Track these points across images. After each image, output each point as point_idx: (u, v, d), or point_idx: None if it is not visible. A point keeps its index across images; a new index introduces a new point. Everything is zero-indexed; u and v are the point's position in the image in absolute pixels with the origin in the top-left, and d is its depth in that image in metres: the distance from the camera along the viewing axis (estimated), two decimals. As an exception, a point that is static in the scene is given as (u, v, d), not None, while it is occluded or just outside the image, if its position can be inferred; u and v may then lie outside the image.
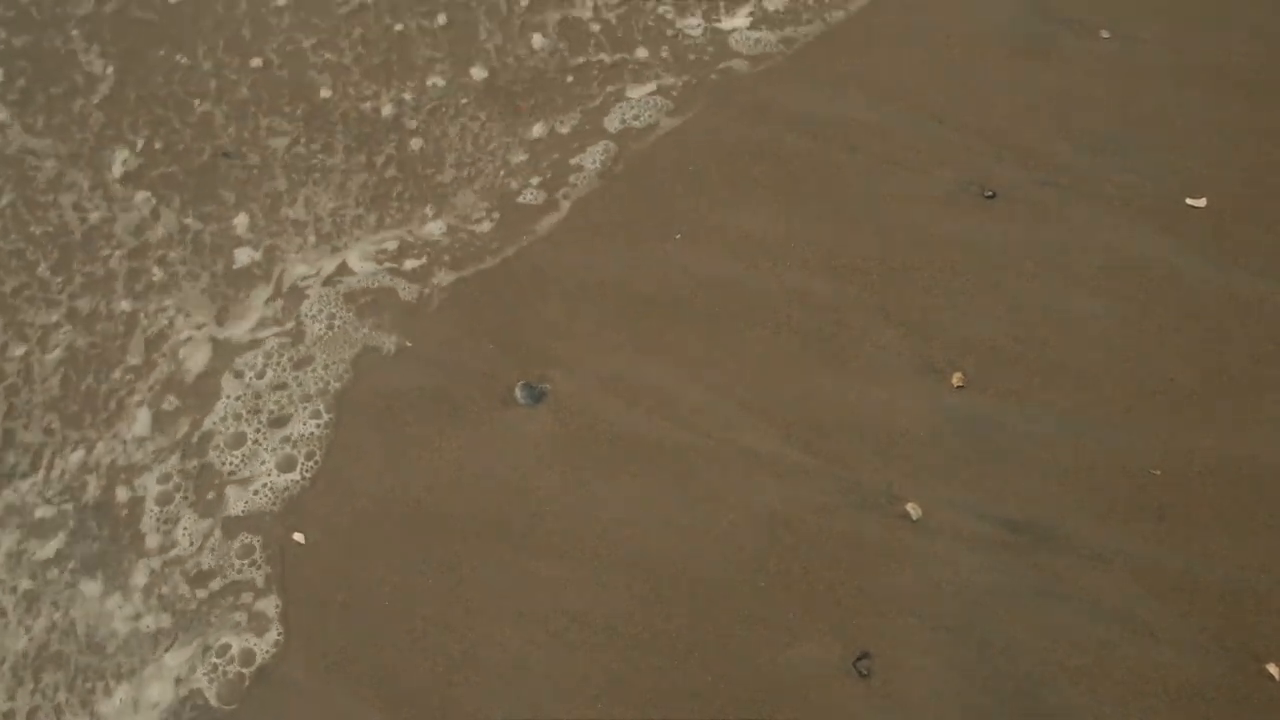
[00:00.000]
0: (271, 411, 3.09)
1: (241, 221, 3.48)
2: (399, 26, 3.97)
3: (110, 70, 3.84)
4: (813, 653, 2.66)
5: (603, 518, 2.88)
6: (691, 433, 3.01)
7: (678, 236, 3.42)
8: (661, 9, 4.01)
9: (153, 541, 2.90)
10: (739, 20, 3.98)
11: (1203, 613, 2.68)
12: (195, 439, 3.07)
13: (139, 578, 2.85)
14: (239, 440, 3.05)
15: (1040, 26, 3.87)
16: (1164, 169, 3.47)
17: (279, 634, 2.74)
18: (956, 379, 3.07)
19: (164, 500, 2.96)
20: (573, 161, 3.62)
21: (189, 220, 3.49)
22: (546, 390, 3.12)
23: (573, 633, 2.71)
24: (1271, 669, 2.60)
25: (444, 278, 3.37)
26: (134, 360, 3.20)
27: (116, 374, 3.18)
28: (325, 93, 3.80)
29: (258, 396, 3.12)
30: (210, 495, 2.97)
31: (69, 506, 2.96)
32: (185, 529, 2.92)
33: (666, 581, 2.78)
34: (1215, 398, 3.01)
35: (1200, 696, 2.57)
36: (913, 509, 2.86)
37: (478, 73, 3.79)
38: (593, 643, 2.70)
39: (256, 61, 3.89)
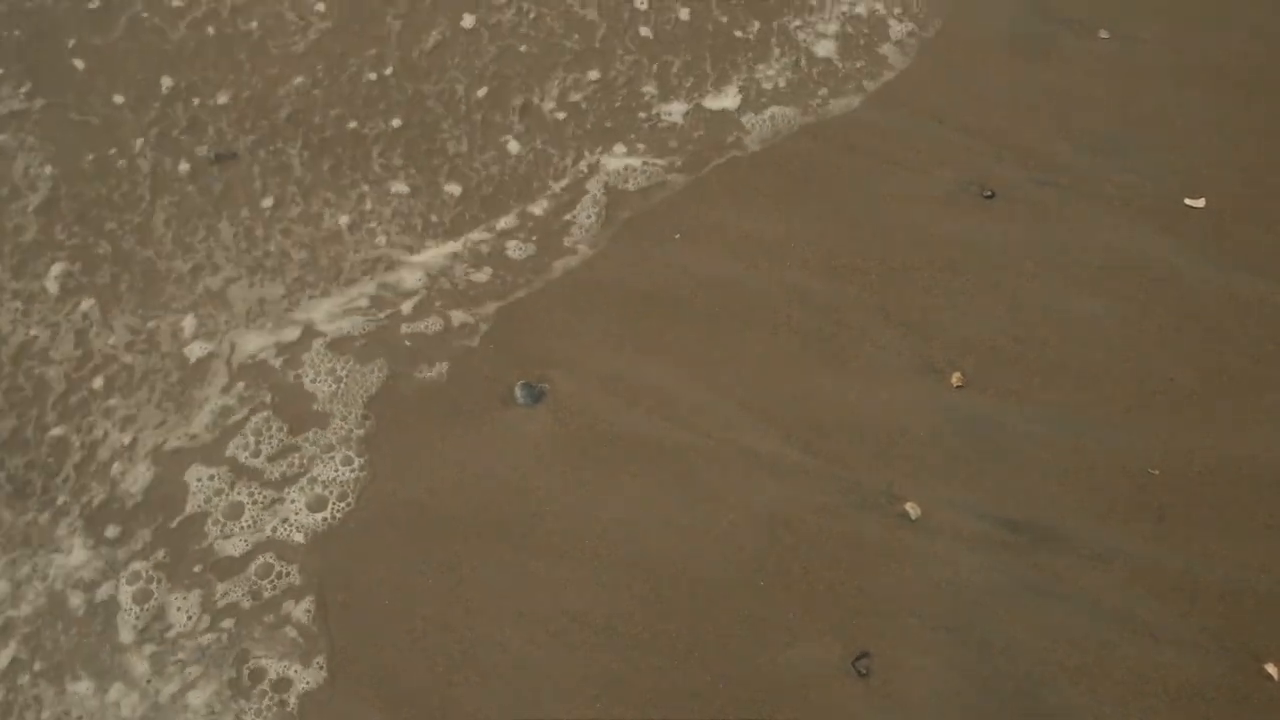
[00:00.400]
0: (284, 473, 2.99)
1: (190, 322, 3.28)
2: (351, 124, 3.73)
3: (48, 170, 3.59)
4: (813, 653, 2.66)
5: (603, 518, 2.88)
6: (691, 433, 3.01)
7: (677, 237, 3.42)
8: (645, 89, 3.80)
9: (129, 636, 2.77)
10: (728, 100, 3.77)
11: (1203, 613, 2.68)
12: (174, 524, 2.93)
13: (139, 666, 2.73)
14: (236, 510, 2.94)
15: (1040, 27, 3.88)
16: (1164, 169, 3.47)
17: (322, 663, 2.70)
18: (956, 379, 3.08)
19: (141, 598, 2.82)
20: (566, 217, 3.50)
21: (134, 326, 3.28)
22: (546, 390, 3.12)
23: (573, 633, 2.71)
24: (1270, 669, 2.60)
25: (447, 318, 3.29)
26: (91, 471, 3.03)
27: (76, 482, 3.01)
28: (268, 201, 3.54)
29: (256, 471, 3.00)
30: (197, 568, 2.86)
31: (14, 612, 2.82)
32: (179, 608, 2.80)
33: (666, 581, 2.78)
34: (1215, 398, 3.01)
35: (1200, 696, 2.57)
36: (911, 508, 2.86)
37: (451, 189, 3.57)
38: (593, 643, 2.70)
39: (184, 166, 3.59)
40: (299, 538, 2.88)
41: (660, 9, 4.00)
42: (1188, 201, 3.39)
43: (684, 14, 3.99)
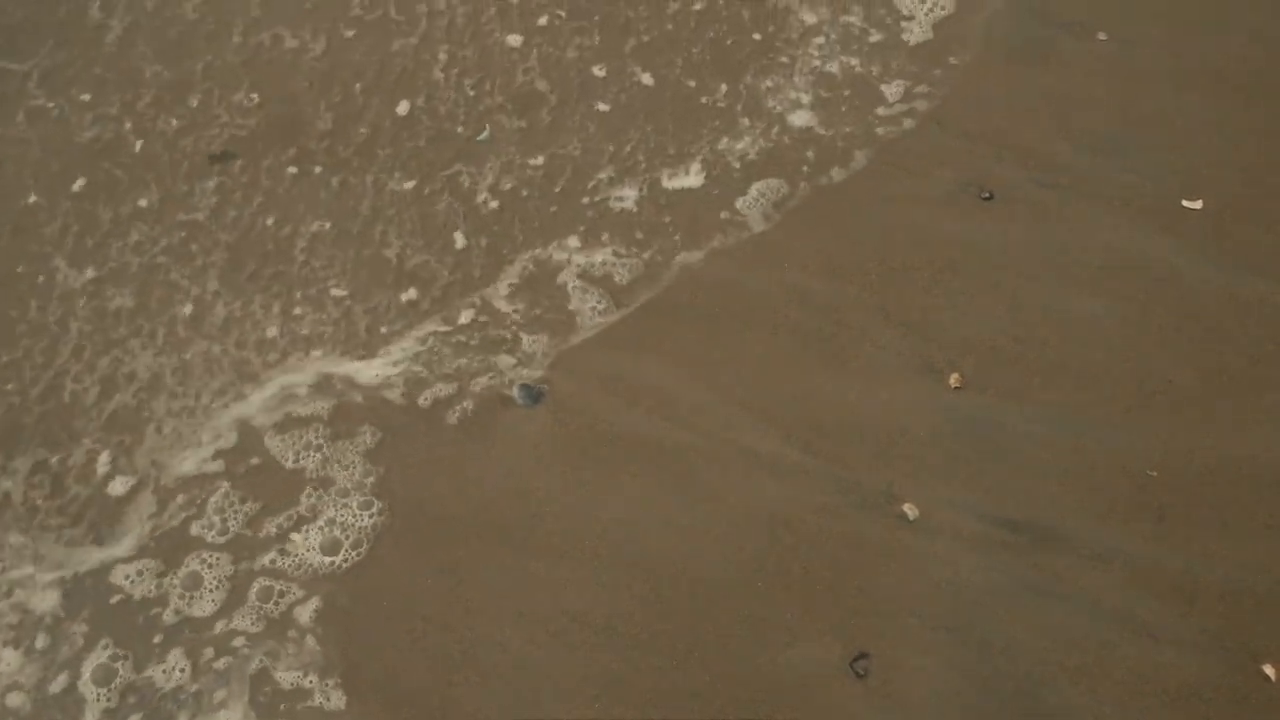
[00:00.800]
0: (282, 525, 2.90)
1: (105, 459, 3.02)
2: (270, 219, 3.45)
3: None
4: (813, 653, 2.66)
5: (603, 518, 2.88)
6: (691, 433, 3.01)
7: (676, 238, 3.42)
8: (601, 175, 3.54)
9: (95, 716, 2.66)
10: (691, 179, 3.54)
11: (1203, 613, 2.68)
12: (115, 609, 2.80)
13: None
14: (196, 581, 2.83)
15: (1039, 30, 3.88)
16: (1163, 169, 3.47)
17: (335, 680, 2.68)
18: (954, 380, 3.08)
19: (103, 680, 2.70)
20: (571, 307, 3.29)
21: (40, 462, 3.02)
22: (545, 391, 3.11)
23: (573, 633, 2.71)
24: (1268, 670, 2.60)
25: (441, 389, 3.13)
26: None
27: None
28: (187, 308, 3.29)
29: (234, 543, 2.88)
30: (158, 639, 2.75)
31: None
32: (165, 671, 2.71)
33: (666, 581, 2.77)
34: (1215, 398, 3.01)
35: (1199, 697, 2.57)
36: (909, 509, 2.85)
37: (407, 295, 3.31)
38: (593, 643, 2.69)
39: (90, 272, 3.33)
40: (302, 572, 2.84)
41: (619, 72, 3.80)
42: (1185, 203, 3.40)
43: (647, 79, 3.78)
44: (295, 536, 2.88)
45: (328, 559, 2.85)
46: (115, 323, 3.27)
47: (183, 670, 2.70)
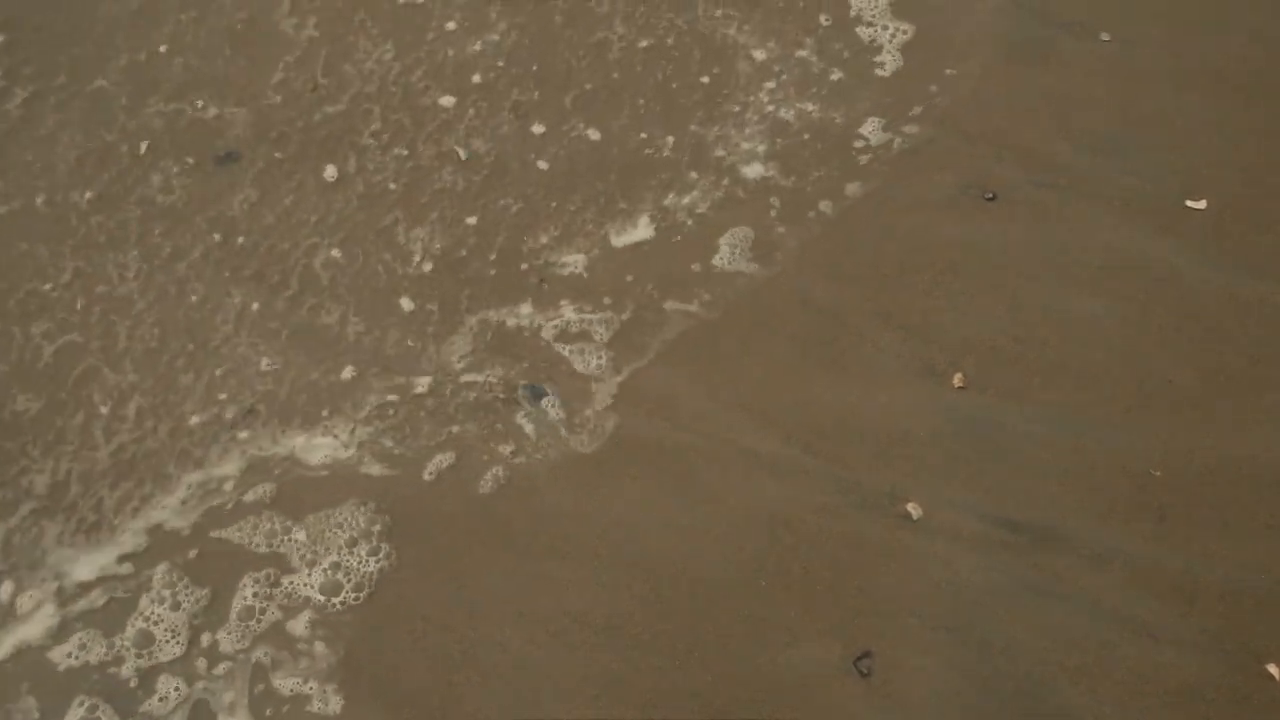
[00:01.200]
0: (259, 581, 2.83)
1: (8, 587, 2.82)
2: (194, 295, 3.28)
3: None
4: (813, 653, 2.66)
5: (603, 518, 2.88)
6: (692, 433, 3.01)
7: (677, 239, 3.43)
8: (543, 239, 3.43)
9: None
10: (641, 232, 3.46)
11: (1203, 613, 2.68)
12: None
13: None
14: (147, 634, 2.75)
15: (1039, 31, 3.88)
16: (1164, 169, 3.47)
17: (335, 686, 2.66)
18: (957, 380, 3.08)
19: None
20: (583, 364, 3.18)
21: None
22: (547, 391, 3.12)
23: (573, 633, 2.71)
24: (1272, 669, 2.60)
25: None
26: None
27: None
28: (104, 410, 3.08)
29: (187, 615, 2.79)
30: (133, 683, 2.68)
31: None
32: (162, 696, 2.66)
33: (666, 581, 2.78)
34: (1215, 398, 3.01)
35: (1200, 696, 2.57)
36: (913, 509, 2.86)
37: (348, 373, 3.18)
38: (593, 643, 2.70)
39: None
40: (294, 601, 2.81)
41: (557, 128, 3.68)
42: (1189, 203, 3.40)
43: (594, 134, 3.66)
44: (288, 577, 2.84)
45: (321, 596, 2.80)
46: (15, 429, 3.05)
47: (177, 689, 2.67)
